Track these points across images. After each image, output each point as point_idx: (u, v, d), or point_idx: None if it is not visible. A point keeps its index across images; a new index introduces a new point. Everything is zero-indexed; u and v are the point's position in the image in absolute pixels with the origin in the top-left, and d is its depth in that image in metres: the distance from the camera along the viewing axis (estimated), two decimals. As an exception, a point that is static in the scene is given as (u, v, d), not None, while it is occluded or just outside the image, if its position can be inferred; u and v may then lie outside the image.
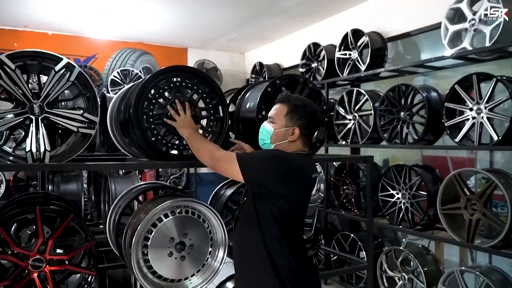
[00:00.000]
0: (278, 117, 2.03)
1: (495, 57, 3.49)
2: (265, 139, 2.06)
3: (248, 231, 2.00)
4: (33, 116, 1.95)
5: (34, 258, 1.99)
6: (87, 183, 4.04)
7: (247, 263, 2.02)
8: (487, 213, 3.09)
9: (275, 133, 2.03)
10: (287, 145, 2.03)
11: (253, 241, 1.94)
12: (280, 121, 2.02)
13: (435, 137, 3.72)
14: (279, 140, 2.03)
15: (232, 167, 1.89)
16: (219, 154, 1.98)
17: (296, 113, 2.01)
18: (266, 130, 2.06)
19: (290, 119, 2.01)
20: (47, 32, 6.26)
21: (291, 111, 2.02)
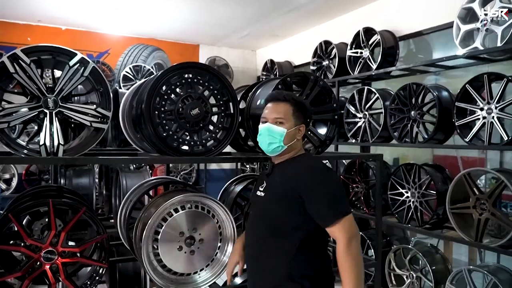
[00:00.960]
0: (287, 117, 2.00)
1: (507, 57, 3.47)
2: (276, 141, 1.99)
3: (275, 240, 1.95)
4: (47, 110, 1.98)
5: (46, 250, 2.03)
6: (98, 178, 4.09)
7: (268, 270, 1.97)
8: (496, 212, 3.08)
9: (287, 134, 1.99)
10: (296, 144, 2.04)
11: (280, 250, 1.93)
12: (290, 121, 2.00)
13: (445, 137, 3.71)
14: (290, 140, 2.01)
15: (355, 225, 1.87)
16: (354, 241, 1.83)
17: (301, 111, 2.03)
18: (278, 132, 1.98)
19: (297, 117, 2.01)
20: (60, 27, 6.32)
21: (297, 109, 2.02)
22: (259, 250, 2.02)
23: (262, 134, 2.03)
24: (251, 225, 2.12)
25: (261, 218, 2.04)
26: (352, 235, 1.81)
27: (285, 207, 1.93)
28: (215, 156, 2.35)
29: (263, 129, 2.02)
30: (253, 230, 2.08)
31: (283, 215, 1.93)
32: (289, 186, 1.93)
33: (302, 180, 1.90)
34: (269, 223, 1.98)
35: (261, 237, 2.01)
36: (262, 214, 2.04)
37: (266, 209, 2.02)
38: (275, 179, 2.03)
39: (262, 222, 2.03)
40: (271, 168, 2.09)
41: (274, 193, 1.99)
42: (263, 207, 2.04)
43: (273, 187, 2.02)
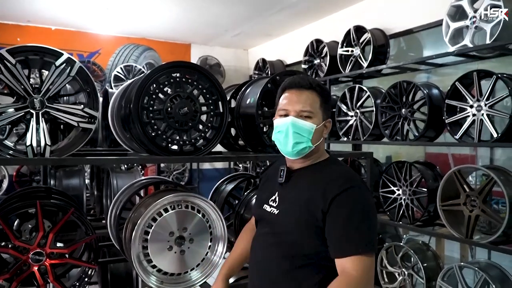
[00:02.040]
0: (315, 110, 1.59)
1: (496, 55, 3.49)
2: (304, 141, 1.57)
3: (291, 275, 1.54)
4: (34, 110, 1.97)
5: (34, 251, 2.01)
6: (90, 178, 4.07)
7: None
8: (486, 209, 3.09)
9: (316, 131, 1.58)
10: (321, 144, 1.66)
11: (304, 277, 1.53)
12: (318, 115, 1.60)
13: (436, 134, 3.73)
14: (318, 139, 1.61)
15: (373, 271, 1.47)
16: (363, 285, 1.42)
17: (328, 102, 1.65)
18: (306, 129, 1.56)
19: (324, 110, 1.62)
20: (50, 27, 6.28)
21: (325, 100, 1.63)
22: (274, 279, 1.59)
23: (283, 131, 1.59)
24: (262, 246, 1.68)
25: (276, 242, 1.59)
26: (366, 279, 1.41)
27: (308, 230, 1.51)
28: (204, 155, 2.34)
29: (284, 124, 1.58)
30: (265, 253, 1.64)
31: (304, 241, 1.52)
32: (314, 202, 1.51)
33: (331, 196, 1.47)
34: (288, 250, 1.55)
35: (277, 264, 1.58)
36: (275, 236, 1.60)
37: (281, 231, 1.58)
38: (294, 191, 1.61)
39: (278, 247, 1.58)
40: (287, 176, 1.65)
41: (293, 211, 1.56)
42: (277, 227, 1.61)
43: (292, 202, 1.59)
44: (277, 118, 1.65)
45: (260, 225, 1.76)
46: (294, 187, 1.62)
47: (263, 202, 1.71)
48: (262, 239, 1.69)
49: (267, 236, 1.65)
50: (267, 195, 1.71)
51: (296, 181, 1.63)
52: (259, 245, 1.71)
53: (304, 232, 1.53)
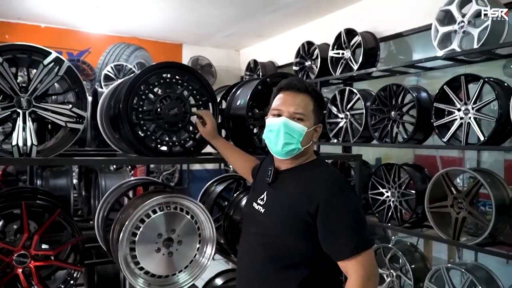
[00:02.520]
0: (307, 113, 1.63)
1: (484, 59, 3.52)
2: (294, 142, 1.61)
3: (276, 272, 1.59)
4: (20, 110, 1.94)
5: (18, 253, 1.98)
6: (77, 179, 4.04)
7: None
8: (473, 211, 3.12)
9: (307, 134, 1.62)
10: (310, 147, 1.70)
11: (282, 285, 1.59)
12: (310, 118, 1.64)
13: (424, 137, 3.75)
14: (308, 142, 1.65)
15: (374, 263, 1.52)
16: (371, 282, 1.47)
17: (321, 106, 1.69)
18: (297, 131, 1.60)
19: (316, 115, 1.67)
20: (40, 25, 6.22)
21: (319, 105, 1.67)
22: (259, 279, 1.64)
23: (274, 130, 1.63)
24: (249, 245, 1.74)
25: (263, 241, 1.65)
26: (370, 275, 1.46)
27: (294, 232, 1.56)
28: (194, 156, 2.33)
29: (276, 124, 1.62)
30: (252, 253, 1.70)
31: (289, 243, 1.57)
32: (304, 203, 1.54)
33: (319, 198, 1.51)
34: (273, 251, 1.60)
35: (263, 264, 1.62)
36: (262, 237, 1.65)
37: (268, 232, 1.63)
38: (281, 191, 1.65)
39: (264, 246, 1.63)
40: (274, 176, 1.69)
41: (279, 212, 1.61)
42: (263, 228, 1.66)
43: (278, 203, 1.64)
44: (269, 117, 1.68)
45: (248, 223, 1.81)
46: (281, 187, 1.67)
47: (253, 200, 1.77)
48: (251, 239, 1.73)
49: (255, 236, 1.69)
50: (257, 194, 1.76)
51: (283, 182, 1.67)
52: (247, 245, 1.76)
53: (289, 233, 1.57)
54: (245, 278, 1.75)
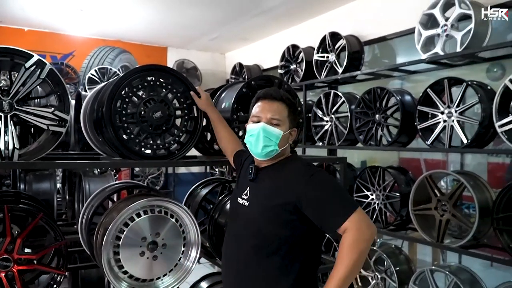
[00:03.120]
0: (283, 118, 1.83)
1: (467, 62, 3.57)
2: (272, 144, 1.81)
3: (261, 258, 1.75)
4: (2, 113, 1.91)
5: (1, 257, 1.96)
6: (61, 182, 3.99)
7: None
8: (456, 213, 3.16)
9: (283, 137, 1.82)
10: (287, 148, 1.89)
11: (267, 269, 1.74)
12: (285, 123, 1.84)
13: (409, 140, 3.79)
14: (284, 144, 1.85)
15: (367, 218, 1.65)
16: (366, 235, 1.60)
17: (295, 112, 1.90)
18: (274, 134, 1.80)
19: (291, 120, 1.87)
20: (23, 28, 6.15)
21: (292, 110, 1.88)
22: (246, 269, 1.80)
23: (254, 135, 1.82)
24: (233, 239, 1.91)
25: (246, 232, 1.82)
26: (365, 228, 1.59)
27: (275, 220, 1.73)
28: (178, 159, 2.32)
29: (256, 129, 1.81)
30: (236, 246, 1.87)
31: (273, 229, 1.73)
32: (283, 194, 1.73)
33: (300, 186, 1.69)
34: (256, 239, 1.76)
35: (247, 255, 1.79)
36: (247, 228, 1.82)
37: (251, 222, 1.80)
38: (262, 186, 1.84)
39: (247, 237, 1.80)
40: (255, 173, 1.88)
41: (261, 204, 1.79)
42: (247, 219, 1.83)
43: (260, 196, 1.82)
44: (250, 123, 1.89)
45: (233, 217, 2.00)
46: (262, 182, 1.86)
47: (238, 196, 1.94)
48: (235, 232, 1.91)
49: (239, 228, 1.88)
50: (241, 190, 1.94)
51: (264, 177, 1.87)
52: (232, 238, 1.93)
53: (269, 221, 1.75)
54: (230, 270, 1.90)
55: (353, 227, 1.58)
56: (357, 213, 1.60)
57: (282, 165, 1.86)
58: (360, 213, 1.62)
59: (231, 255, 1.91)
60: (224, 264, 1.97)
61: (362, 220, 1.60)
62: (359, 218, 1.60)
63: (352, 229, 1.58)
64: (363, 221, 1.60)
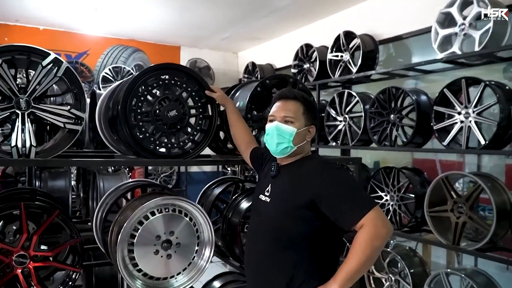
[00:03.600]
0: (297, 116, 1.90)
1: (484, 62, 3.51)
2: (285, 142, 1.88)
3: (281, 252, 1.82)
4: (19, 111, 1.93)
5: (18, 254, 1.98)
6: (76, 180, 4.02)
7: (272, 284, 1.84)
8: (473, 216, 3.11)
9: (297, 134, 1.88)
10: (305, 145, 1.95)
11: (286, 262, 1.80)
12: (300, 120, 1.90)
13: (424, 140, 3.74)
14: (300, 141, 1.91)
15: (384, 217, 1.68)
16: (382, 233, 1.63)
17: (311, 110, 1.94)
18: (287, 132, 1.87)
19: (307, 117, 1.92)
20: (38, 27, 6.21)
21: (308, 109, 1.93)
22: (263, 261, 1.89)
23: (269, 133, 1.92)
24: (254, 233, 2.00)
25: (266, 227, 1.90)
26: (381, 226, 1.62)
27: (295, 215, 1.79)
28: (192, 158, 2.32)
29: (270, 128, 1.91)
30: (256, 239, 1.96)
31: (291, 224, 1.80)
32: (301, 191, 1.79)
33: (317, 183, 1.75)
34: (275, 233, 1.84)
35: (265, 248, 1.88)
36: (267, 222, 1.90)
37: (272, 217, 1.88)
38: (282, 183, 1.91)
39: (267, 231, 1.88)
40: (277, 170, 1.96)
41: (280, 200, 1.87)
42: (269, 214, 1.90)
43: (280, 192, 1.89)
44: (267, 123, 1.97)
45: (255, 214, 2.06)
46: (283, 179, 1.92)
47: (259, 192, 2.02)
48: (256, 227, 1.99)
49: (260, 223, 1.95)
50: (263, 188, 2.01)
51: (284, 175, 1.93)
52: (253, 232, 2.03)
53: (287, 217, 1.81)
54: (250, 263, 1.99)
55: (369, 223, 1.61)
56: (374, 211, 1.63)
57: (301, 163, 1.92)
58: (378, 211, 1.65)
59: (251, 249, 2.00)
60: (246, 258, 2.06)
61: (379, 217, 1.63)
62: (376, 215, 1.63)
63: (368, 225, 1.61)
64: (380, 219, 1.63)
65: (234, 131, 2.36)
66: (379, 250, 1.66)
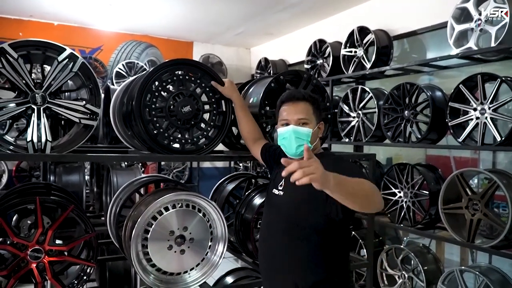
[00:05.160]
0: (309, 116, 1.94)
1: (501, 58, 3.47)
2: (304, 143, 1.87)
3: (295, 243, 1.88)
4: (35, 106, 1.95)
5: (33, 248, 1.99)
6: (89, 175, 4.05)
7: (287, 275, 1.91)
8: (488, 213, 3.08)
9: (313, 134, 1.93)
10: (319, 143, 2.03)
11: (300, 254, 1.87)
12: (313, 120, 1.94)
13: (438, 137, 3.71)
14: (315, 140, 1.96)
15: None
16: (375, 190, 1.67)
17: (318, 108, 1.99)
18: (305, 134, 1.89)
19: (317, 116, 1.97)
20: (52, 22, 6.26)
21: (316, 107, 1.97)
22: (277, 254, 1.95)
23: (286, 137, 1.91)
24: (268, 227, 2.05)
25: (280, 220, 1.95)
26: (377, 195, 1.64)
27: (307, 209, 1.85)
28: (206, 154, 2.32)
29: (287, 132, 1.90)
30: (270, 233, 2.01)
31: (304, 217, 1.86)
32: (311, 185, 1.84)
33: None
34: (288, 226, 1.90)
35: (279, 241, 1.94)
36: (281, 216, 1.96)
37: (286, 211, 1.94)
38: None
39: (280, 225, 1.94)
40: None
41: (295, 194, 1.90)
42: (282, 208, 1.97)
43: (294, 187, 1.85)
44: (279, 127, 1.98)
45: (268, 208, 2.10)
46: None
47: (273, 187, 2.07)
48: (270, 219, 2.04)
49: (274, 216, 2.01)
50: (276, 183, 2.06)
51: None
52: (267, 226, 2.06)
53: (302, 209, 1.86)
54: (264, 255, 2.05)
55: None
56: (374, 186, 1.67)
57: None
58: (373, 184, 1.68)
59: (265, 242, 2.05)
60: (260, 251, 2.11)
61: (373, 184, 1.67)
62: (374, 185, 1.66)
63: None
64: (378, 193, 1.67)
65: (242, 127, 2.37)
66: (367, 198, 1.61)
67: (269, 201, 2.10)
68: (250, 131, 2.35)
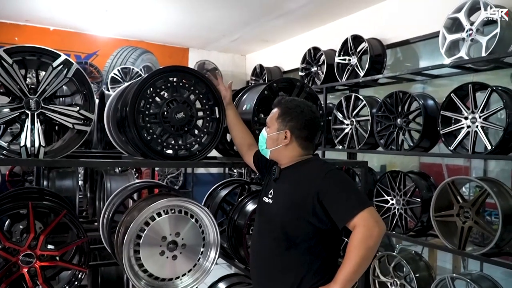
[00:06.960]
0: (271, 122, 2.02)
1: (491, 67, 3.51)
2: (262, 145, 2.06)
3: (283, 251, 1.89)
4: (29, 111, 1.96)
5: (24, 253, 2.00)
6: (83, 180, 4.05)
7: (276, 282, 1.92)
8: (479, 221, 3.10)
9: (269, 138, 2.01)
10: (283, 150, 1.99)
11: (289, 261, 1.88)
12: (273, 125, 2.00)
13: (430, 145, 3.74)
14: (274, 145, 2.00)
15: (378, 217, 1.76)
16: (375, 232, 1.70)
17: (287, 115, 1.97)
18: (262, 136, 2.06)
19: (281, 122, 1.98)
20: (48, 27, 6.26)
21: (282, 113, 1.99)
22: (267, 262, 1.96)
23: (259, 138, 2.11)
24: (258, 235, 2.06)
25: (269, 228, 1.97)
26: (373, 225, 1.68)
27: (295, 216, 1.86)
28: (199, 160, 2.34)
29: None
30: (260, 241, 2.02)
31: (293, 225, 1.86)
32: (300, 191, 1.86)
33: (317, 181, 1.81)
34: (278, 234, 1.91)
35: (269, 249, 1.95)
36: (271, 224, 1.96)
37: (275, 219, 1.94)
38: (284, 185, 1.97)
39: (270, 232, 1.95)
40: (278, 173, 2.02)
41: (283, 202, 1.93)
42: (271, 215, 1.98)
43: (282, 194, 1.96)
44: None
45: (259, 215, 2.12)
46: (283, 181, 2.00)
47: (263, 195, 2.10)
48: (260, 228, 2.05)
49: (264, 224, 2.03)
50: (266, 191, 2.08)
51: (285, 177, 2.00)
52: (256, 232, 2.08)
53: (290, 217, 1.87)
54: (254, 262, 2.07)
55: (361, 224, 1.68)
56: (367, 211, 1.70)
57: (302, 165, 1.98)
58: (371, 210, 1.72)
59: (255, 250, 2.07)
60: (251, 259, 2.13)
61: (371, 217, 1.70)
62: (368, 215, 1.70)
63: (360, 225, 1.68)
64: (372, 219, 1.70)
65: (234, 134, 2.40)
66: (374, 249, 1.71)
67: (259, 209, 2.12)
68: (243, 138, 2.37)
